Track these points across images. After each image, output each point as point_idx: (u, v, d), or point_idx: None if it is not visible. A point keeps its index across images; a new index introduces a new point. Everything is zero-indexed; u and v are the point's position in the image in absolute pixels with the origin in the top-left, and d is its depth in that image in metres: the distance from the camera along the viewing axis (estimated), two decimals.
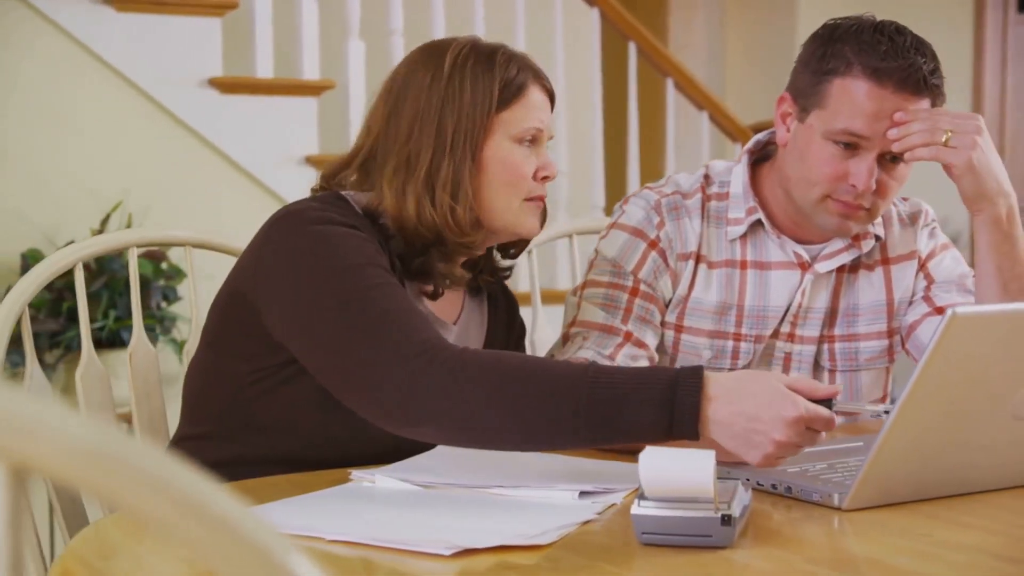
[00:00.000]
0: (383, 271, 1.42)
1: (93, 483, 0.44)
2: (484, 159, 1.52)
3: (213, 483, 0.46)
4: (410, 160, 1.51)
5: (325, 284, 1.39)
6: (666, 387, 1.26)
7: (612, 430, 1.27)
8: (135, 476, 0.44)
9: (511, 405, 1.28)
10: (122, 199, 3.43)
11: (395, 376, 1.31)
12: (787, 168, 1.75)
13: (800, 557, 1.12)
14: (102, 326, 3.17)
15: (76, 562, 1.10)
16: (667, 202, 1.81)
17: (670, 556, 1.09)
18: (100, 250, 1.80)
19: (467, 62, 1.53)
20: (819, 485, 1.28)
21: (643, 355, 1.75)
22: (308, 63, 3.85)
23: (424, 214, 1.49)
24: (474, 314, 1.67)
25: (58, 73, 3.45)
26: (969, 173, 1.66)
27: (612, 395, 1.26)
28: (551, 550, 1.11)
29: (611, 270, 1.79)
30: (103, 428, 0.44)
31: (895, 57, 1.63)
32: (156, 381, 1.79)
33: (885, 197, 1.70)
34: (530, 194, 1.56)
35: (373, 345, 1.33)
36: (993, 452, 1.29)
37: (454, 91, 1.51)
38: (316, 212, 1.46)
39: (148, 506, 0.44)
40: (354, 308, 1.36)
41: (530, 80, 1.56)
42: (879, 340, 1.83)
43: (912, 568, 1.06)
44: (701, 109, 4.72)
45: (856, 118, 1.64)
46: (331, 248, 1.41)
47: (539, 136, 1.56)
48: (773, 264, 1.80)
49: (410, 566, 1.08)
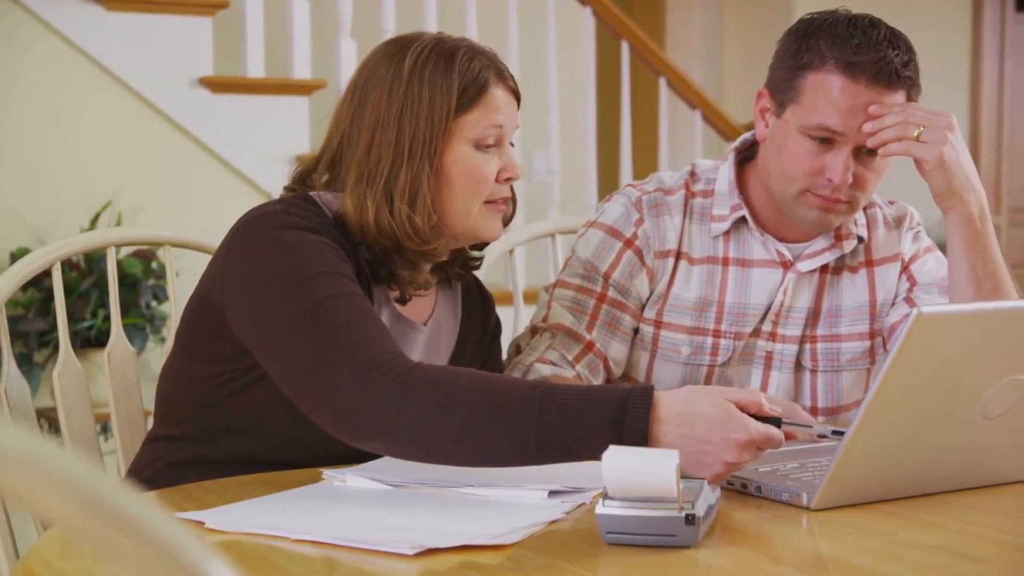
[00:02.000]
0: (345, 280, 1.41)
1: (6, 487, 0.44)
2: (444, 165, 1.51)
3: (122, 484, 0.46)
4: (370, 168, 1.50)
5: (285, 293, 1.39)
6: (615, 408, 1.24)
7: (561, 451, 1.26)
8: (39, 476, 0.43)
9: (462, 423, 1.27)
10: (113, 198, 3.43)
11: (348, 389, 1.31)
12: (766, 163, 1.75)
13: (764, 557, 1.12)
14: (91, 325, 3.17)
15: (38, 563, 1.10)
16: (648, 199, 1.81)
17: (634, 556, 1.09)
18: (79, 249, 1.80)
19: (427, 65, 1.51)
20: (789, 484, 1.28)
21: (601, 366, 1.76)
22: (299, 62, 3.85)
23: (383, 223, 1.49)
24: (447, 311, 1.67)
25: (49, 73, 3.46)
26: (939, 168, 1.66)
27: (561, 416, 1.25)
28: (515, 550, 1.11)
29: (583, 272, 1.79)
30: (7, 428, 0.43)
31: (868, 51, 1.63)
32: (135, 381, 1.79)
33: (863, 190, 1.70)
34: (491, 197, 1.54)
35: (328, 357, 1.33)
36: (960, 452, 1.29)
37: (413, 97, 1.50)
38: (281, 217, 1.45)
39: (54, 506, 0.44)
40: (312, 319, 1.36)
41: (491, 81, 1.53)
42: (861, 341, 1.83)
43: (873, 567, 1.06)
44: (694, 108, 4.72)
45: (830, 114, 1.64)
46: (293, 256, 1.41)
47: (501, 137, 1.54)
48: (755, 262, 1.80)
49: (373, 565, 1.08)
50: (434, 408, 1.27)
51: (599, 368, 1.76)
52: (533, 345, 1.76)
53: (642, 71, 4.85)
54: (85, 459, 0.45)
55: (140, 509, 0.45)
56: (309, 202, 1.52)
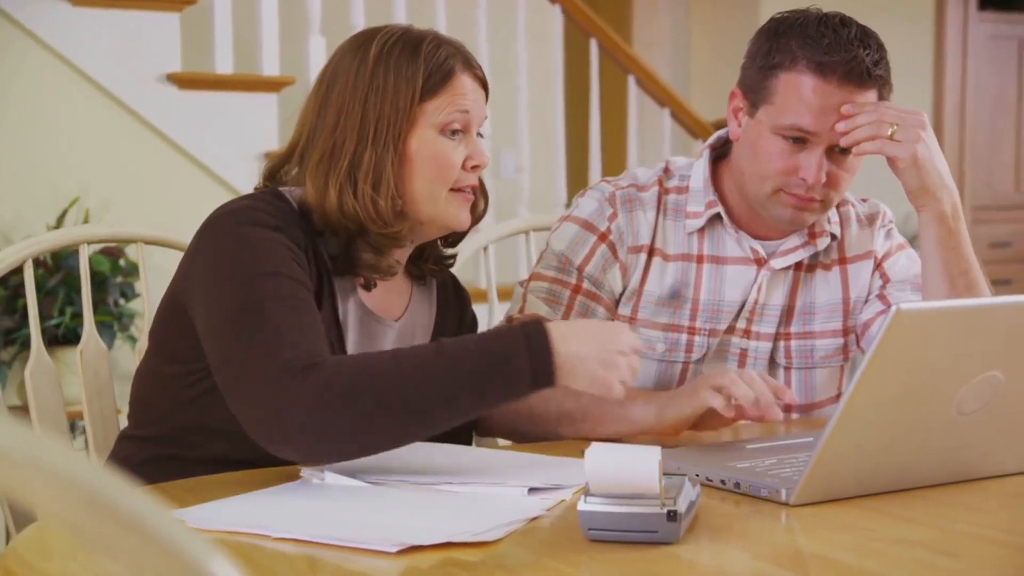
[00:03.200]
0: (293, 283, 1.41)
1: (5, 484, 0.43)
2: (409, 149, 1.51)
3: (124, 481, 0.46)
4: (334, 150, 1.50)
5: (230, 291, 1.40)
6: (520, 338, 1.34)
7: (485, 397, 1.34)
8: (41, 474, 0.43)
9: (385, 413, 1.29)
10: (80, 195, 3.40)
11: (264, 393, 1.31)
12: (740, 163, 1.76)
13: (745, 553, 1.12)
14: (59, 323, 3.14)
15: (17, 563, 1.09)
16: (621, 194, 1.81)
17: (616, 552, 1.09)
18: (49, 246, 1.78)
19: (393, 51, 1.51)
20: (767, 481, 1.29)
21: None
22: (268, 59, 3.84)
23: (346, 205, 1.48)
24: (421, 307, 1.67)
25: (15, 69, 3.42)
26: (913, 167, 1.67)
27: (474, 366, 1.32)
28: (497, 547, 1.11)
29: (557, 265, 1.80)
30: (9, 426, 0.43)
31: (838, 51, 1.64)
32: (108, 378, 1.78)
33: (837, 188, 1.71)
34: (457, 184, 1.54)
35: (253, 358, 1.34)
36: (938, 448, 1.30)
37: (379, 81, 1.50)
38: (245, 213, 1.46)
39: (54, 504, 0.43)
40: (247, 318, 1.37)
41: (458, 68, 1.53)
42: (834, 338, 1.84)
43: (854, 563, 1.07)
44: (663, 106, 4.73)
45: (803, 114, 1.65)
46: (245, 254, 1.41)
47: (468, 124, 1.54)
48: (729, 259, 1.81)
49: (355, 563, 1.07)
50: (352, 406, 1.29)
51: None
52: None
53: (611, 69, 4.86)
54: (84, 456, 0.44)
55: (142, 506, 0.45)
56: (277, 197, 1.52)
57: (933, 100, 6.24)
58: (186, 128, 3.62)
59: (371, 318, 1.57)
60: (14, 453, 0.42)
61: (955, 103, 6.30)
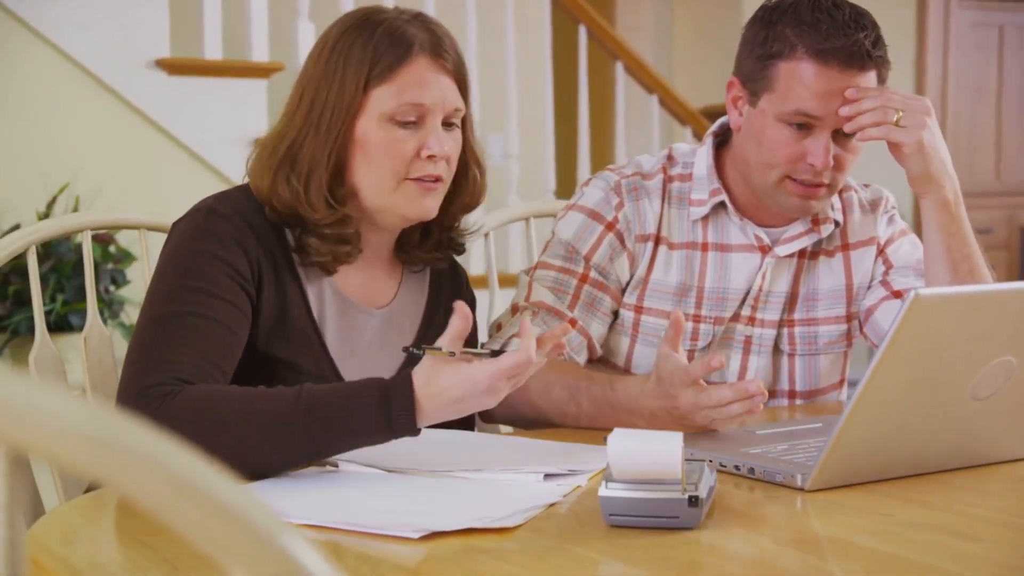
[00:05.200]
0: (213, 300, 1.41)
1: (92, 466, 0.43)
2: (355, 139, 1.49)
3: (208, 465, 0.46)
4: (283, 137, 1.50)
5: (157, 297, 1.42)
6: (377, 406, 1.29)
7: (335, 452, 1.33)
8: (131, 459, 0.43)
9: (229, 448, 1.27)
10: (70, 181, 3.38)
11: (122, 410, 1.31)
12: (744, 152, 1.76)
13: (765, 537, 1.13)
14: (50, 310, 3.13)
15: (37, 548, 1.08)
16: (627, 183, 1.81)
17: (637, 537, 1.09)
18: (52, 233, 1.77)
19: (350, 35, 1.49)
20: (782, 466, 1.29)
21: (584, 344, 1.77)
22: (257, 45, 3.82)
23: (281, 195, 1.48)
24: (411, 294, 1.65)
25: (2, 55, 3.40)
26: (918, 153, 1.67)
27: (328, 425, 1.29)
28: (518, 532, 1.11)
29: (564, 254, 1.80)
30: (102, 412, 0.43)
31: (837, 36, 1.64)
32: (111, 365, 1.77)
33: (843, 170, 1.71)
34: (413, 174, 1.50)
35: (129, 374, 1.35)
36: (952, 433, 1.30)
37: (332, 67, 1.48)
38: (202, 217, 1.46)
39: (145, 488, 0.44)
40: (150, 330, 1.39)
41: (414, 55, 1.49)
42: (838, 325, 1.85)
43: (874, 547, 1.07)
44: (651, 92, 4.73)
45: (807, 99, 1.65)
46: (181, 265, 1.43)
47: (424, 115, 1.50)
48: (734, 247, 1.81)
49: (378, 550, 1.07)
50: (198, 436, 1.27)
51: (582, 347, 1.76)
52: (514, 322, 1.76)
53: (599, 55, 4.86)
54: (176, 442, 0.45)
55: (229, 491, 0.45)
56: (245, 193, 1.51)
57: (915, 87, 6.26)
58: (175, 114, 3.60)
59: (351, 307, 1.56)
60: (104, 437, 0.42)
61: (936, 90, 6.33)
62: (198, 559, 1.00)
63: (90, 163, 3.46)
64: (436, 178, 1.51)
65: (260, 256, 1.47)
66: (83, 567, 1.05)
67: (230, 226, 1.45)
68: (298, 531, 0.47)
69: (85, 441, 0.43)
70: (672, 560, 1.04)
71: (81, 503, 1.25)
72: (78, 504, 1.25)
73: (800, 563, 1.05)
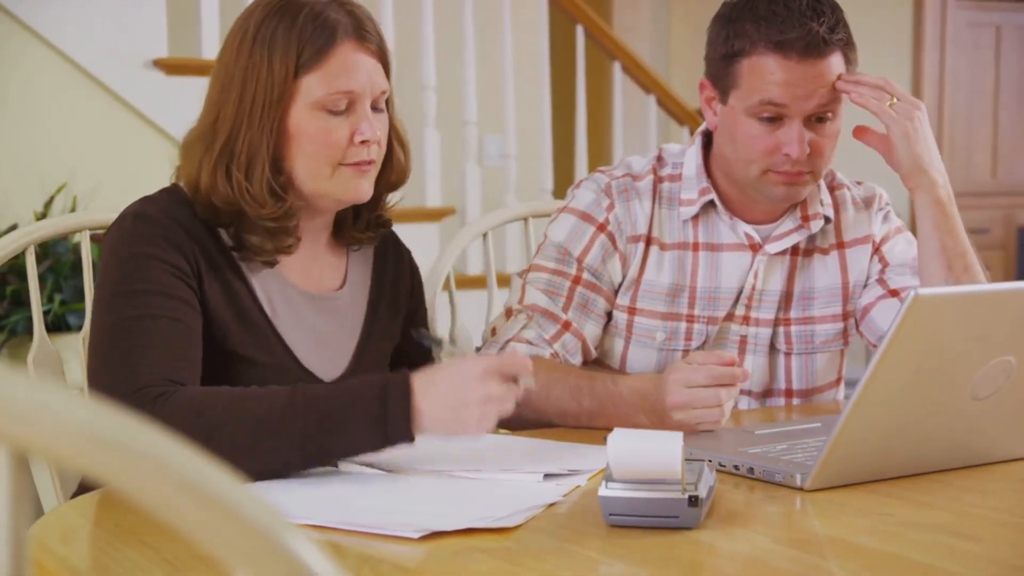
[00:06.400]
0: (166, 299, 1.40)
1: (95, 466, 0.43)
2: (287, 128, 1.47)
3: (213, 465, 0.46)
4: (215, 130, 1.48)
5: (104, 306, 1.41)
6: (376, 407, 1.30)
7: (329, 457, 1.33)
8: (136, 459, 0.43)
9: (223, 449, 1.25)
10: (67, 181, 3.38)
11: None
12: (722, 150, 1.77)
13: (765, 537, 1.13)
14: (47, 310, 3.12)
15: (37, 548, 1.08)
16: (617, 184, 1.82)
17: (637, 537, 1.10)
18: (50, 233, 1.77)
19: (272, 22, 1.47)
20: (781, 466, 1.29)
21: (578, 345, 1.77)
22: None
23: (219, 189, 1.46)
24: (359, 274, 1.64)
25: (0, 54, 3.39)
26: (904, 140, 1.70)
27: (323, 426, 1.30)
28: (519, 532, 1.11)
29: (556, 256, 1.80)
30: (105, 412, 0.43)
31: (792, 27, 1.65)
32: None
33: (822, 156, 1.72)
34: (348, 160, 1.49)
35: (112, 382, 1.35)
36: (952, 432, 1.31)
37: (257, 56, 1.46)
38: (130, 222, 1.46)
39: (148, 488, 0.44)
40: (111, 336, 1.38)
41: (339, 41, 1.47)
42: (834, 323, 1.85)
43: (874, 547, 1.07)
44: (648, 92, 4.73)
45: (771, 89, 1.66)
46: (124, 269, 1.42)
47: (353, 101, 1.49)
48: (724, 246, 1.81)
49: (379, 549, 1.07)
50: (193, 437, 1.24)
51: (577, 348, 1.76)
52: (509, 326, 1.76)
53: (596, 55, 4.86)
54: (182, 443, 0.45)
55: (233, 491, 0.45)
56: (171, 194, 1.51)
57: (911, 87, 6.27)
58: (173, 113, 3.59)
59: (299, 295, 1.54)
60: (107, 437, 0.42)
61: (933, 90, 6.33)
62: (199, 559, 1.00)
63: (88, 163, 3.46)
64: (370, 162, 1.51)
65: (196, 252, 1.45)
66: (83, 567, 1.05)
67: (158, 227, 1.44)
68: (302, 531, 0.47)
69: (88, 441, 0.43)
70: (672, 560, 1.04)
71: (81, 503, 1.25)
72: (78, 504, 1.25)
73: (800, 563, 1.05)
